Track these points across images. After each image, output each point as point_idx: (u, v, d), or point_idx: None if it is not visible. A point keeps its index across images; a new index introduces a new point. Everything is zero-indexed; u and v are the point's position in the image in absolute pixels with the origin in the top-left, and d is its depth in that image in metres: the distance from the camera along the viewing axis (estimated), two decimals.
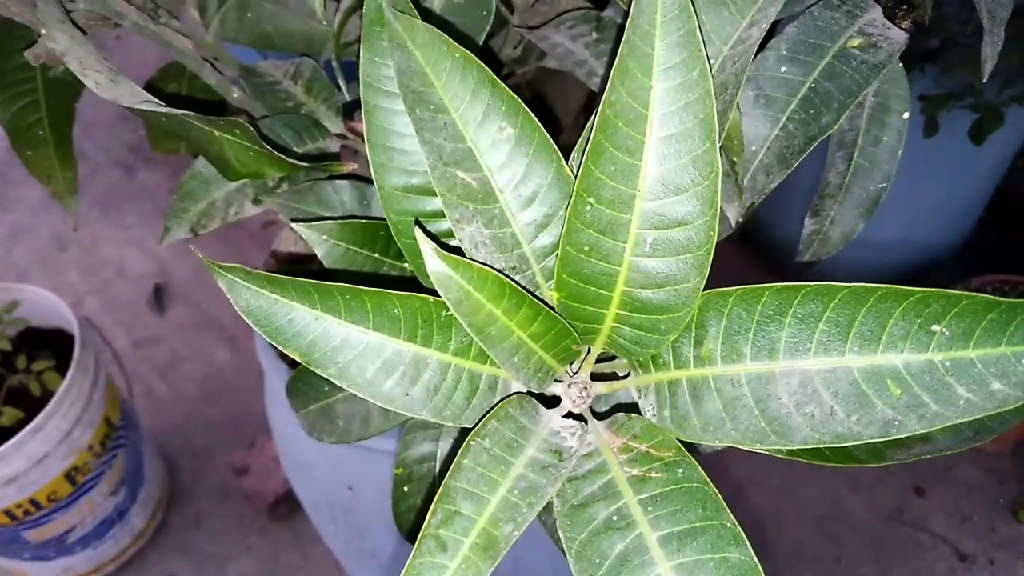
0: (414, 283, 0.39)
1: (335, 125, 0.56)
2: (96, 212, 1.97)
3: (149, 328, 1.75)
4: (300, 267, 0.57)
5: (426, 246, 0.32)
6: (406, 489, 0.50)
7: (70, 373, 1.20)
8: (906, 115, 0.48)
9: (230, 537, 1.46)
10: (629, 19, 0.31)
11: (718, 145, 0.31)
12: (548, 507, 0.50)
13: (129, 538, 1.41)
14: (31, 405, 1.20)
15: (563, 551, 0.53)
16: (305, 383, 0.52)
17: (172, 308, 1.78)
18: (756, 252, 1.74)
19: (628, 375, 0.38)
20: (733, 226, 0.44)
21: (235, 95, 0.58)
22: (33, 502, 1.22)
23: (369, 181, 0.51)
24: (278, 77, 0.58)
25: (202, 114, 0.44)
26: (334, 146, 0.55)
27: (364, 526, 1.04)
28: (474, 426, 0.34)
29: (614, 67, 0.31)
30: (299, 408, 0.54)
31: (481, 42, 0.49)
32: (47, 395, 1.21)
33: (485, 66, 0.34)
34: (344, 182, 0.51)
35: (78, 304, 1.79)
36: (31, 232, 1.96)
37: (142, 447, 1.42)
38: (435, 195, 0.37)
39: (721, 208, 0.44)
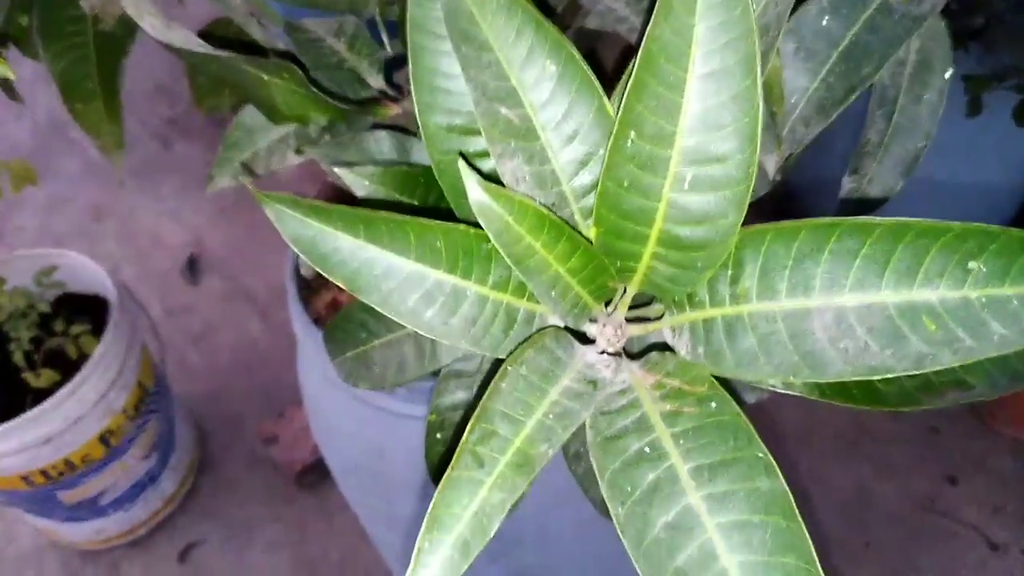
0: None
1: (376, 81, 0.57)
2: (133, 183, 2.01)
3: (183, 297, 1.78)
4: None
5: (469, 177, 0.32)
6: (439, 436, 0.51)
7: (106, 336, 1.22)
8: (948, 74, 0.48)
9: (258, 504, 1.48)
10: None
11: (759, 82, 0.32)
12: (579, 456, 0.51)
13: (160, 502, 1.45)
14: (67, 368, 1.23)
15: (592, 501, 0.53)
16: (343, 330, 0.53)
17: (206, 278, 1.81)
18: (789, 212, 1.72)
19: (663, 317, 0.39)
20: (770, 176, 0.44)
21: (281, 50, 0.59)
22: (68, 463, 1.25)
23: (409, 133, 0.52)
24: (322, 34, 0.59)
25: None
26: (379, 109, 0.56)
27: (392, 491, 1.06)
28: (510, 354, 0.35)
29: (657, 4, 0.32)
30: (336, 355, 0.55)
31: None
32: (83, 358, 1.23)
33: (531, 5, 0.35)
34: (384, 133, 0.51)
35: (114, 272, 1.81)
36: (69, 202, 2.00)
37: (174, 413, 1.45)
38: (478, 135, 0.37)
39: (760, 163, 0.45)
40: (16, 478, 1.24)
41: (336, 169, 0.45)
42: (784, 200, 1.73)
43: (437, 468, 0.51)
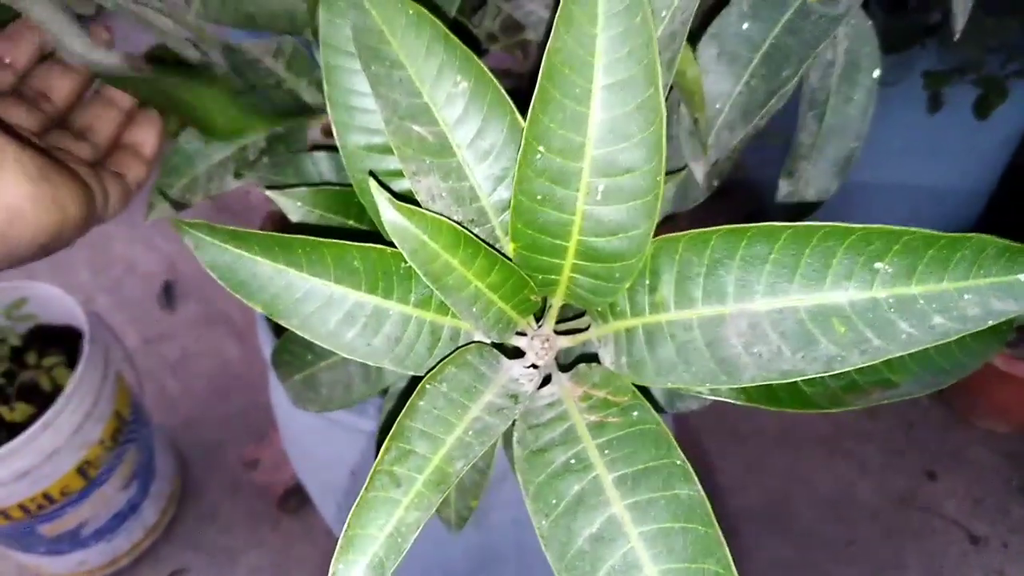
0: (380, 242, 0.40)
1: (315, 100, 0.57)
2: None
3: (159, 325, 1.77)
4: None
5: (380, 196, 0.32)
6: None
7: (80, 367, 1.22)
8: (876, 73, 0.48)
9: (242, 530, 1.47)
10: None
11: (662, 93, 0.32)
12: None
13: (142, 532, 1.44)
14: (42, 400, 1.22)
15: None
16: (289, 353, 0.53)
17: (182, 305, 1.81)
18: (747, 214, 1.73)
19: (590, 327, 0.39)
20: (701, 182, 0.44)
21: (218, 74, 0.59)
22: (46, 496, 1.24)
23: None
24: (259, 55, 0.59)
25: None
26: (315, 121, 0.56)
27: None
28: (429, 371, 0.35)
29: (558, 15, 0.32)
30: (284, 379, 0.55)
31: (454, 11, 0.50)
32: (57, 390, 1.23)
33: (438, 22, 0.35)
34: (321, 153, 0.51)
35: (89, 302, 1.82)
36: None
37: (153, 442, 1.44)
38: None
39: (690, 172, 0.45)
40: None
41: (269, 193, 0.45)
42: (742, 194, 1.73)
43: None
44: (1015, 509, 1.39)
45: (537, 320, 0.40)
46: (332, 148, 0.52)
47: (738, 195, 1.68)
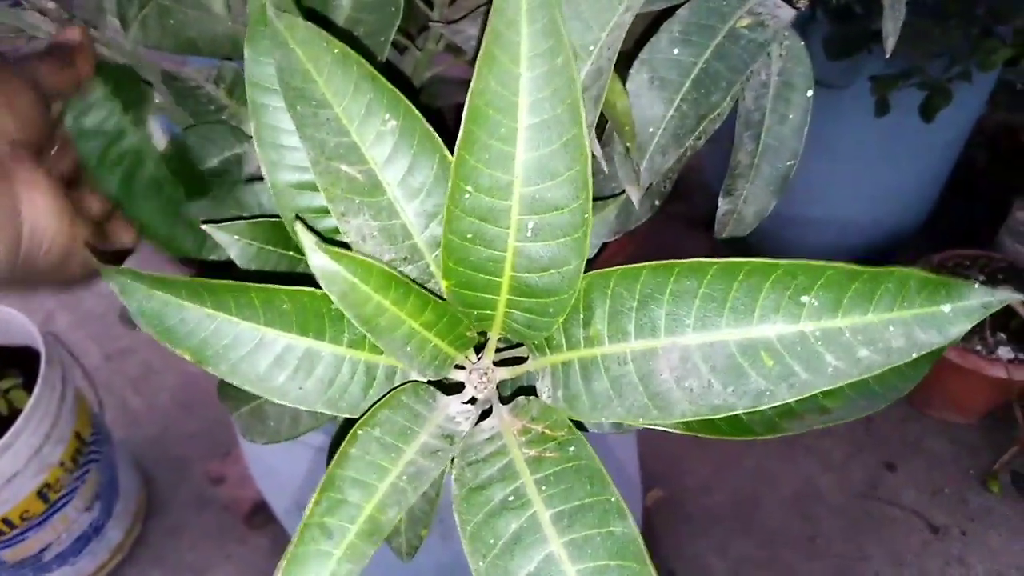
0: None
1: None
2: None
3: (121, 340, 1.75)
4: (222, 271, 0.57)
5: (307, 240, 0.32)
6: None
7: (36, 390, 1.20)
8: (810, 92, 0.48)
9: (209, 547, 1.46)
10: (493, 9, 0.31)
11: (587, 131, 0.32)
12: None
13: (107, 553, 1.41)
14: None
15: None
16: (234, 386, 0.52)
17: None
18: (729, 240, 1.75)
19: (528, 359, 0.39)
20: (637, 206, 0.44)
21: (157, 100, 0.58)
22: (6, 521, 1.22)
23: None
24: (200, 81, 0.58)
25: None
26: (252, 150, 0.56)
27: None
28: (361, 415, 0.34)
29: (480, 56, 0.32)
30: (232, 411, 0.54)
31: (391, 38, 0.50)
32: (15, 413, 1.20)
33: (364, 60, 0.35)
34: (261, 185, 0.51)
35: (49, 320, 1.79)
36: None
37: (116, 461, 1.42)
38: None
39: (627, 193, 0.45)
40: None
41: (206, 228, 0.45)
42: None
43: None
44: (972, 497, 1.42)
45: (476, 353, 0.40)
46: None
47: (695, 198, 1.70)
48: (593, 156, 0.37)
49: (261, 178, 0.52)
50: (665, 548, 1.37)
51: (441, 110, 0.80)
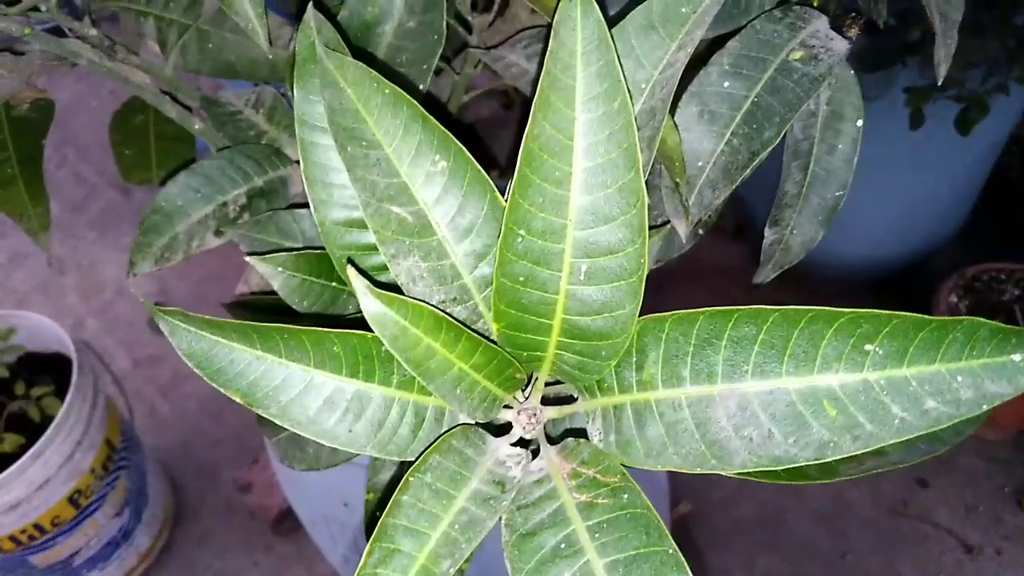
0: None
1: (297, 152, 0.56)
2: (94, 234, 1.99)
3: (150, 347, 1.76)
4: (265, 300, 0.57)
5: (359, 285, 0.32)
6: (378, 515, 0.50)
7: (69, 397, 1.21)
8: (859, 122, 0.47)
9: (236, 554, 1.46)
10: (549, 52, 0.31)
11: (643, 174, 0.31)
12: None
13: (135, 558, 1.42)
14: (31, 431, 1.21)
15: None
16: None
17: None
18: (752, 247, 1.74)
19: (578, 399, 0.38)
20: (684, 240, 0.44)
21: (197, 127, 0.59)
22: (37, 527, 1.23)
23: None
24: (239, 106, 0.58)
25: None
26: (295, 174, 0.56)
27: (361, 541, 1.05)
28: (415, 460, 0.34)
29: (535, 101, 0.31)
30: (271, 436, 0.54)
31: (434, 66, 0.49)
32: (47, 420, 1.21)
33: (415, 101, 0.34)
34: (303, 211, 0.51)
35: (79, 326, 1.81)
36: (30, 257, 1.98)
37: (145, 467, 1.43)
38: None
39: (670, 226, 0.44)
40: None
41: (250, 260, 0.45)
42: (743, 222, 1.74)
43: None
44: (1007, 516, 1.39)
45: (523, 392, 0.40)
46: None
47: (724, 207, 1.68)
48: None
49: (303, 204, 0.52)
50: (690, 562, 1.36)
51: (473, 125, 0.80)
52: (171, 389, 1.69)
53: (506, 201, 0.33)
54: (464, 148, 0.35)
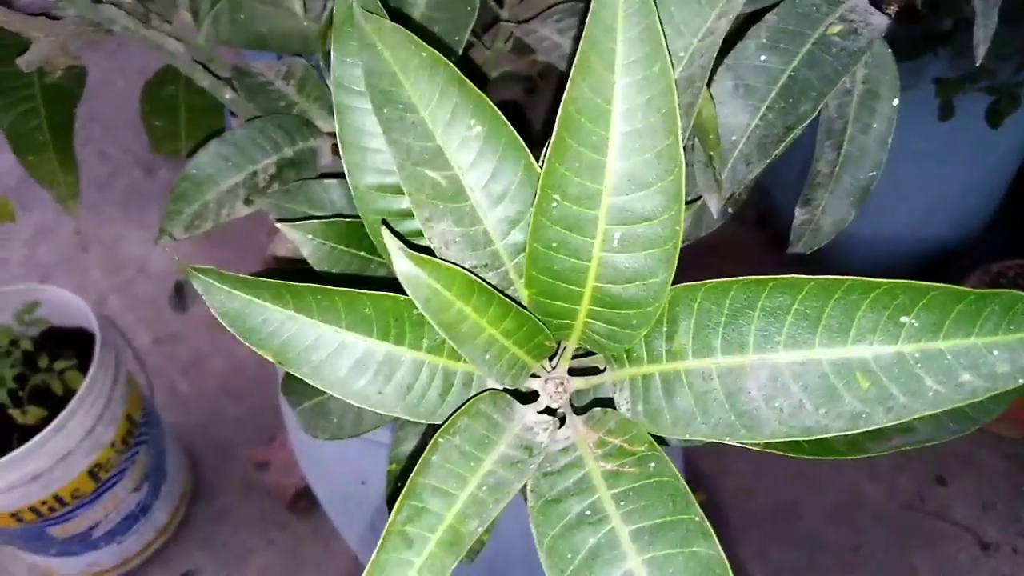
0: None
1: (327, 124, 0.56)
2: (118, 211, 2.00)
3: (171, 325, 1.77)
4: (295, 268, 0.57)
5: (393, 246, 0.32)
6: (400, 485, 0.50)
7: (91, 371, 1.22)
8: (895, 102, 0.47)
9: (252, 531, 1.48)
10: (590, 14, 0.31)
11: (682, 140, 0.31)
12: None
13: (153, 533, 1.44)
14: (54, 404, 1.22)
15: None
16: (299, 380, 0.53)
17: (193, 305, 1.79)
18: (773, 236, 1.72)
19: (606, 369, 0.38)
20: (716, 216, 0.44)
21: (228, 96, 0.59)
22: (57, 498, 1.25)
23: None
24: (270, 77, 0.58)
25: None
26: (325, 145, 0.56)
27: (378, 520, 1.05)
28: (443, 422, 0.34)
29: (575, 63, 0.31)
30: (295, 405, 0.54)
31: (466, 37, 0.49)
32: (69, 394, 1.23)
33: (453, 65, 0.34)
34: (333, 181, 0.51)
35: (100, 303, 1.83)
36: (54, 232, 2.00)
37: (164, 443, 1.44)
38: None
39: (702, 200, 0.44)
40: (6, 515, 1.24)
41: (281, 226, 0.45)
42: (764, 209, 1.72)
43: None
44: None
45: (550, 361, 0.40)
46: (343, 175, 0.52)
47: (747, 196, 1.67)
48: None
49: (332, 174, 0.52)
50: None
51: (504, 103, 0.80)
52: (191, 367, 1.70)
53: (540, 167, 0.33)
54: (500, 113, 0.35)
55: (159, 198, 2.02)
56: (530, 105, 0.90)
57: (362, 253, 0.46)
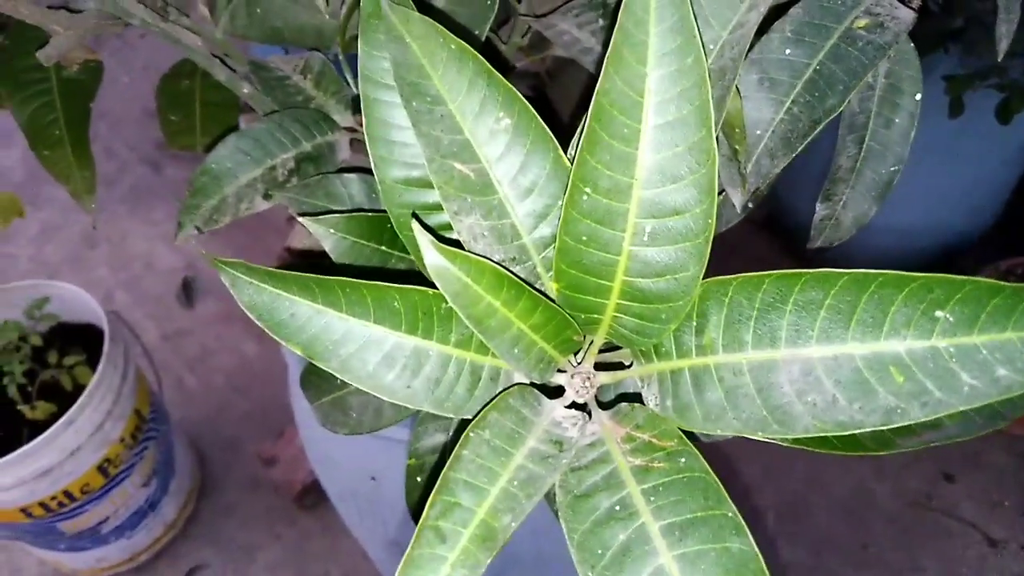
0: (420, 276, 0.40)
1: (344, 119, 0.56)
2: (124, 208, 2.00)
3: (178, 321, 1.77)
4: (312, 262, 0.57)
5: (423, 239, 0.32)
6: (419, 479, 0.50)
7: (100, 367, 1.22)
8: (918, 96, 0.47)
9: (260, 527, 1.48)
10: (623, 6, 0.31)
11: (715, 133, 0.31)
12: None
13: (161, 528, 1.44)
14: (63, 399, 1.23)
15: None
16: (318, 375, 0.53)
17: (201, 301, 1.81)
18: (781, 237, 1.72)
19: (632, 364, 0.38)
20: (739, 211, 0.43)
21: (245, 91, 0.59)
22: (67, 494, 1.25)
23: None
24: (287, 72, 0.58)
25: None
26: (343, 140, 0.56)
27: (388, 516, 1.05)
28: (474, 417, 0.34)
29: (607, 55, 0.31)
30: (313, 400, 0.54)
31: (486, 32, 0.49)
32: (78, 389, 1.23)
33: (481, 57, 0.34)
34: (352, 175, 0.51)
35: (108, 299, 1.83)
36: (62, 229, 2.00)
37: (172, 439, 1.44)
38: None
39: (726, 194, 0.44)
40: (16, 511, 1.24)
41: (302, 220, 0.45)
42: (772, 209, 1.72)
43: (417, 512, 0.50)
44: None
45: (575, 356, 0.39)
46: (361, 169, 0.51)
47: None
48: None
49: (351, 168, 0.52)
50: None
51: (530, 97, 0.80)
52: (198, 363, 1.70)
53: (570, 160, 0.33)
54: (529, 106, 0.34)
55: (166, 195, 2.02)
56: (537, 102, 0.90)
57: (383, 247, 0.46)
